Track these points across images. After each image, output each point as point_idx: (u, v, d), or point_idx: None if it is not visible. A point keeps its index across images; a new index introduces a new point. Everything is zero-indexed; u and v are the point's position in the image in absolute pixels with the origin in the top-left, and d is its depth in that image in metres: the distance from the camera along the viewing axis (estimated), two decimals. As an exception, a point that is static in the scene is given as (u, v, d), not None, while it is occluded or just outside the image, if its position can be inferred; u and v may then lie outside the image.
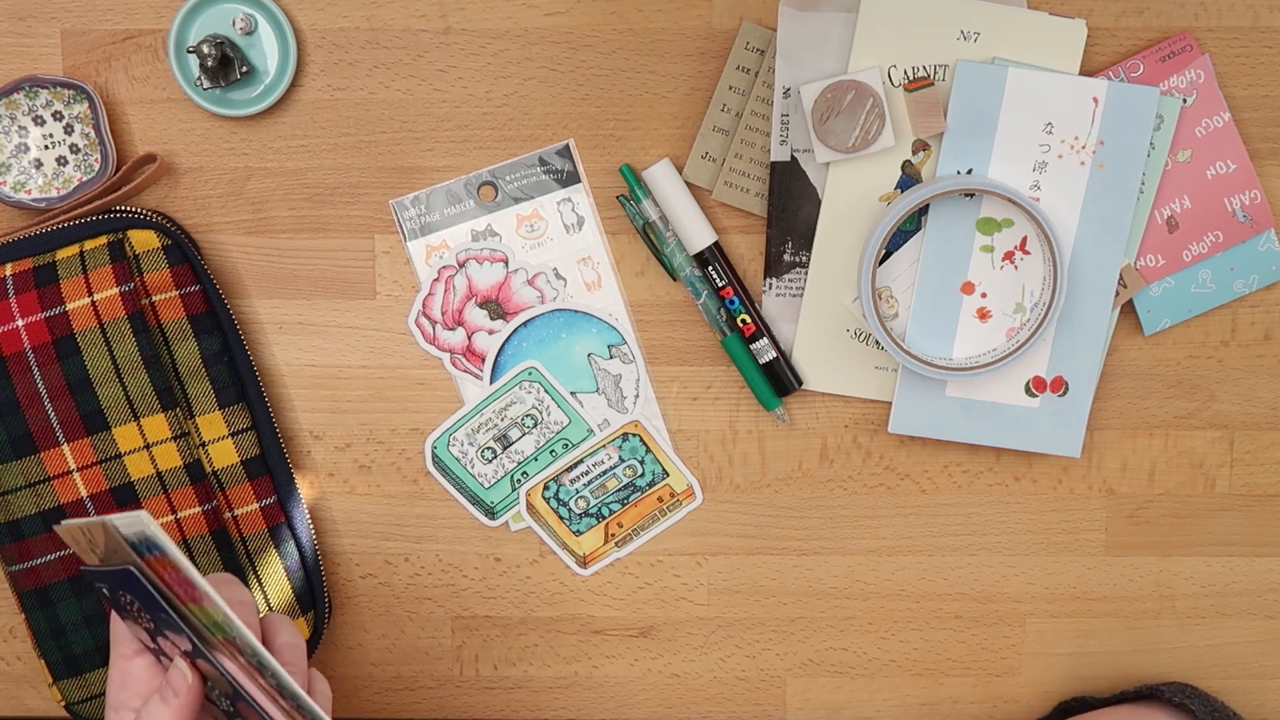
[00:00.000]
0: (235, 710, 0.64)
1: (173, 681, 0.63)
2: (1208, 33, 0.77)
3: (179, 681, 0.63)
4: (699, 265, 0.79)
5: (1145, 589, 0.83)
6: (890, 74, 0.76)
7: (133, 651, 0.66)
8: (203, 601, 0.59)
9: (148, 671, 0.65)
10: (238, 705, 0.63)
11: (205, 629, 0.61)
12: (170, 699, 0.63)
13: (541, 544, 0.82)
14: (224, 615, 0.59)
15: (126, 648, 0.66)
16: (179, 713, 0.63)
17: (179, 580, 0.59)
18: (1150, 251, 0.78)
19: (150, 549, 0.59)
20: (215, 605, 0.59)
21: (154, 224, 0.77)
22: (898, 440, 0.81)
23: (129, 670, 0.65)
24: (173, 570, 0.59)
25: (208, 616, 0.60)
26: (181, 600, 0.60)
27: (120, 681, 0.66)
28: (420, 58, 0.78)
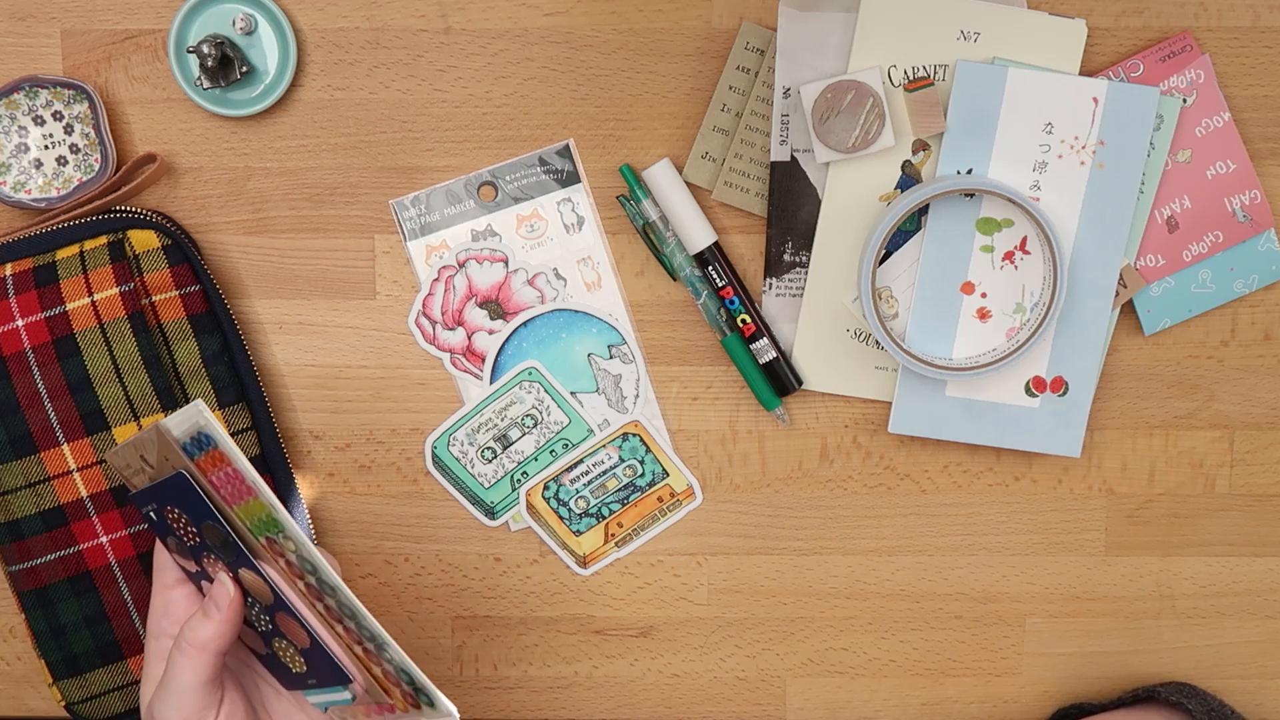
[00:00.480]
0: (274, 625, 0.65)
1: (215, 595, 0.64)
2: (1208, 33, 0.77)
3: (222, 595, 0.64)
4: (699, 265, 0.79)
5: (1145, 589, 0.83)
6: (890, 74, 0.76)
7: (175, 580, 0.67)
8: (251, 497, 0.60)
9: (188, 600, 0.67)
10: (277, 618, 0.64)
11: (249, 531, 0.62)
12: (213, 612, 0.64)
13: (541, 544, 0.82)
14: (271, 506, 0.60)
15: (169, 575, 0.68)
16: (220, 626, 0.64)
17: (228, 478, 0.60)
18: (1150, 251, 0.78)
19: (201, 446, 0.60)
20: (263, 496, 0.60)
21: (154, 224, 0.77)
22: (898, 440, 0.81)
23: (170, 599, 0.67)
24: (220, 467, 0.60)
25: (254, 516, 0.61)
26: (228, 502, 0.61)
27: (161, 609, 0.68)
28: (420, 58, 0.78)
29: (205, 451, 0.60)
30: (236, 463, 0.59)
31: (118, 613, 0.78)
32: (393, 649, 0.61)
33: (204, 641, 0.64)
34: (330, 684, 0.65)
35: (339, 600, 0.61)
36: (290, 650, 0.66)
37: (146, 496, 0.65)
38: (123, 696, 0.79)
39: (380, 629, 0.61)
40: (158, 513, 0.65)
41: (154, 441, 0.62)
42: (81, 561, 0.77)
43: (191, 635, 0.64)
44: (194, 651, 0.64)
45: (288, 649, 0.66)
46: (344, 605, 0.61)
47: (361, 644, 0.62)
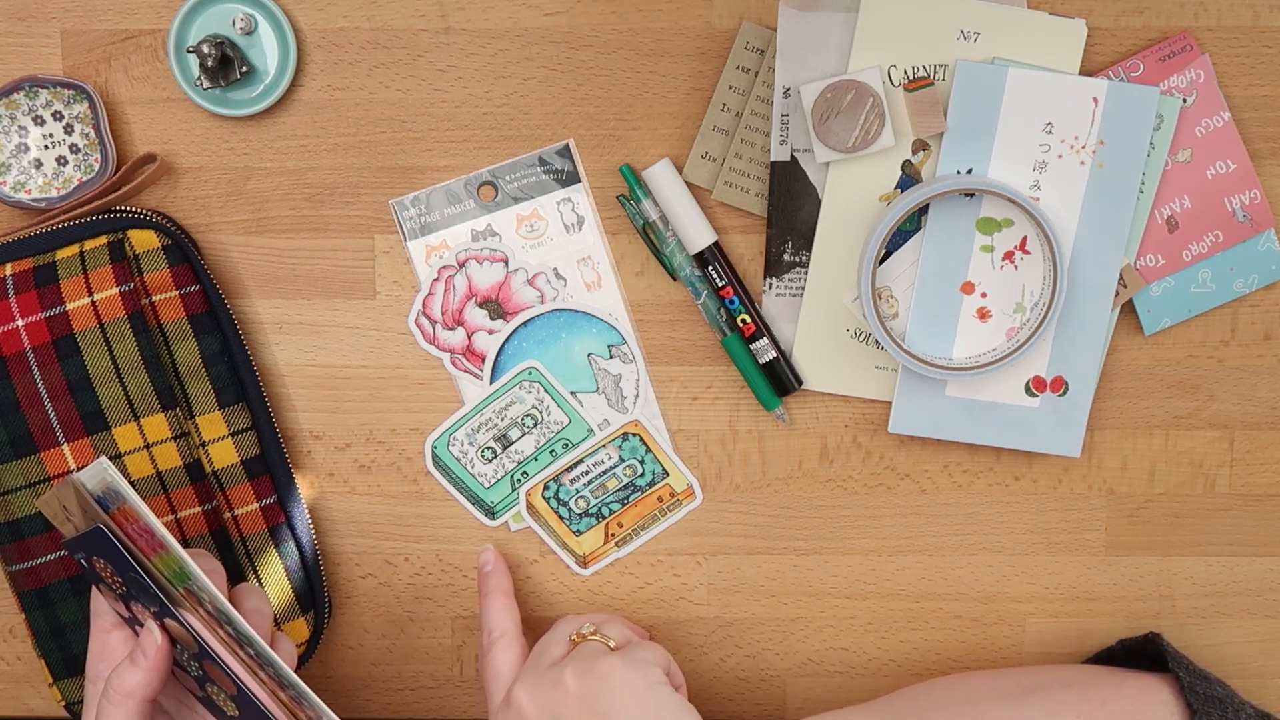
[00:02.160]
0: (203, 671, 0.65)
1: (143, 643, 0.64)
2: (1208, 33, 0.77)
3: (149, 644, 0.64)
4: (699, 265, 0.79)
5: (1145, 589, 0.83)
6: (890, 74, 0.76)
7: (111, 624, 0.68)
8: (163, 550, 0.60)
9: (124, 644, 0.67)
10: (204, 665, 0.64)
11: (169, 581, 0.62)
12: (140, 660, 0.64)
13: (541, 544, 0.82)
14: (180, 560, 0.60)
15: (105, 620, 0.68)
16: (147, 674, 0.64)
17: (140, 531, 0.60)
18: (1150, 251, 0.78)
19: (114, 499, 0.60)
20: (173, 550, 0.60)
21: (154, 224, 0.77)
22: (898, 440, 0.81)
23: (106, 642, 0.68)
24: (134, 521, 0.60)
25: (169, 567, 0.61)
26: (145, 554, 0.62)
27: (99, 653, 0.68)
28: (420, 58, 0.78)
29: (117, 505, 0.60)
30: (145, 518, 0.60)
31: (118, 613, 0.78)
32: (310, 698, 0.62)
33: (130, 689, 0.64)
34: None
35: (257, 651, 0.61)
36: (221, 695, 0.66)
37: (75, 545, 0.65)
38: (123, 696, 0.79)
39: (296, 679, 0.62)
40: (87, 560, 0.65)
41: (73, 496, 0.62)
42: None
43: (119, 683, 0.64)
44: (120, 699, 0.64)
45: (219, 693, 0.66)
46: (262, 656, 0.61)
47: (284, 690, 0.62)
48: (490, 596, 0.78)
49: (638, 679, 0.70)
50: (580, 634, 0.74)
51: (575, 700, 0.69)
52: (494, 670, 0.75)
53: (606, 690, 0.69)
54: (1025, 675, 0.76)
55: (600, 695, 0.69)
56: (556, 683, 0.70)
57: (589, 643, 0.74)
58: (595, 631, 0.75)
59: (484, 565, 0.79)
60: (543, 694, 0.70)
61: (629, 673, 0.70)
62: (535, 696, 0.70)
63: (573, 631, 0.75)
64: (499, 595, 0.78)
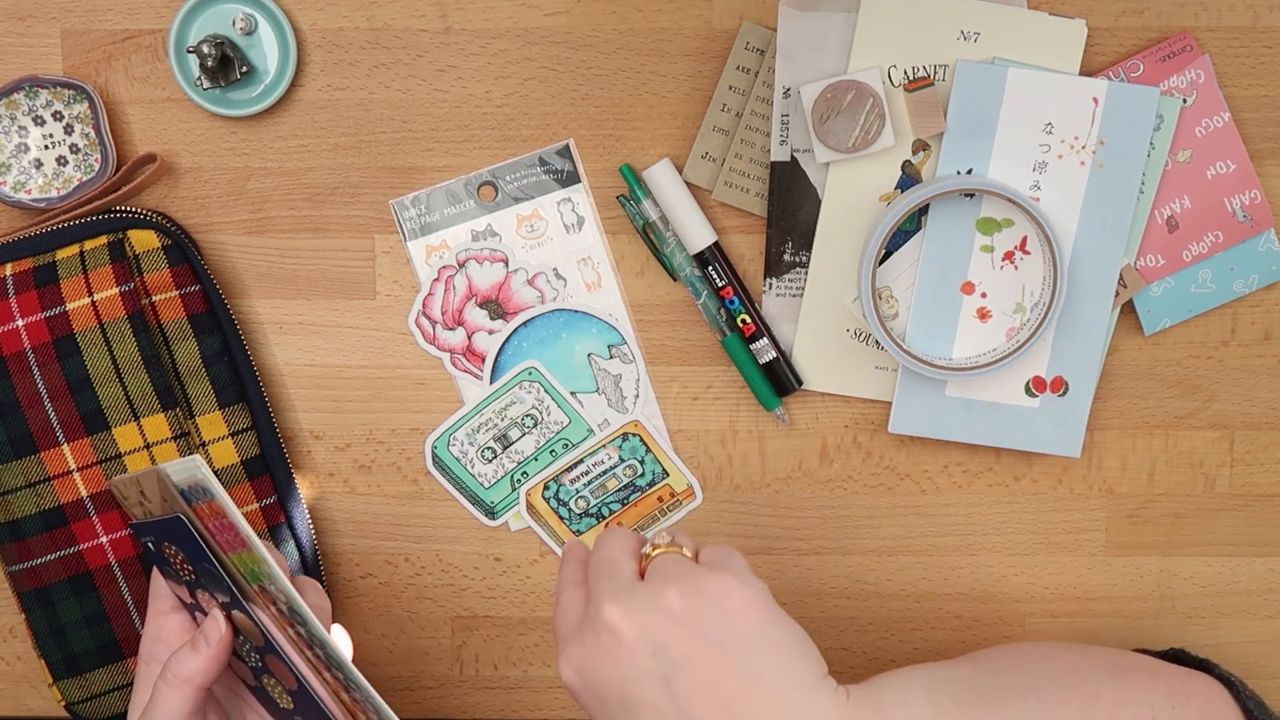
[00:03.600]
0: (264, 664, 0.65)
1: (206, 631, 0.65)
2: (1208, 33, 0.77)
3: (212, 631, 0.65)
4: (699, 265, 0.79)
5: (1145, 589, 0.83)
6: (890, 74, 0.76)
7: (169, 608, 0.68)
8: (244, 549, 0.60)
9: (181, 627, 0.68)
10: (266, 659, 0.65)
11: (243, 578, 0.62)
12: (201, 647, 0.65)
13: (541, 544, 0.82)
14: (264, 560, 0.61)
15: (164, 603, 0.68)
16: (207, 661, 0.64)
17: (223, 528, 0.61)
18: (1150, 251, 0.78)
19: (200, 495, 0.61)
20: (256, 550, 0.61)
21: (154, 224, 0.77)
22: (898, 440, 0.81)
23: (164, 625, 0.68)
24: (217, 517, 0.60)
25: (246, 565, 0.62)
26: (224, 549, 0.62)
27: (154, 635, 0.68)
28: (420, 58, 0.78)
29: (203, 501, 0.61)
30: (232, 516, 0.60)
31: (118, 613, 0.78)
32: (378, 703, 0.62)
33: (189, 675, 0.64)
34: None
35: (327, 653, 0.62)
36: (278, 688, 0.66)
37: (145, 528, 0.66)
38: (123, 696, 0.79)
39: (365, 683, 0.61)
40: (155, 544, 0.66)
41: (155, 485, 0.62)
42: (81, 561, 0.77)
43: (178, 668, 0.64)
44: (179, 683, 0.64)
45: (276, 686, 0.66)
46: (331, 658, 0.62)
47: (348, 691, 0.63)
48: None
49: (755, 600, 0.59)
50: (655, 546, 0.63)
51: (683, 625, 0.58)
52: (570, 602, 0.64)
53: (723, 615, 0.58)
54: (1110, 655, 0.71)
55: (714, 621, 0.58)
56: (655, 604, 0.59)
57: (669, 555, 0.62)
58: (672, 543, 0.63)
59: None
60: (639, 615, 0.59)
61: (744, 593, 0.59)
62: (631, 617, 0.58)
63: (642, 545, 0.64)
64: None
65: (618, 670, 0.58)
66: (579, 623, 0.61)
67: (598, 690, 0.59)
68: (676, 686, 0.57)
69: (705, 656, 0.57)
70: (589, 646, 0.59)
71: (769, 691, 0.57)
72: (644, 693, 0.58)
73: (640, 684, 0.58)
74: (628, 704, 0.58)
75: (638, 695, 0.58)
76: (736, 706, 0.57)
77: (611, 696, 0.59)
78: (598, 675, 0.59)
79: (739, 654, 0.58)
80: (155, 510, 0.64)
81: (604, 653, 0.59)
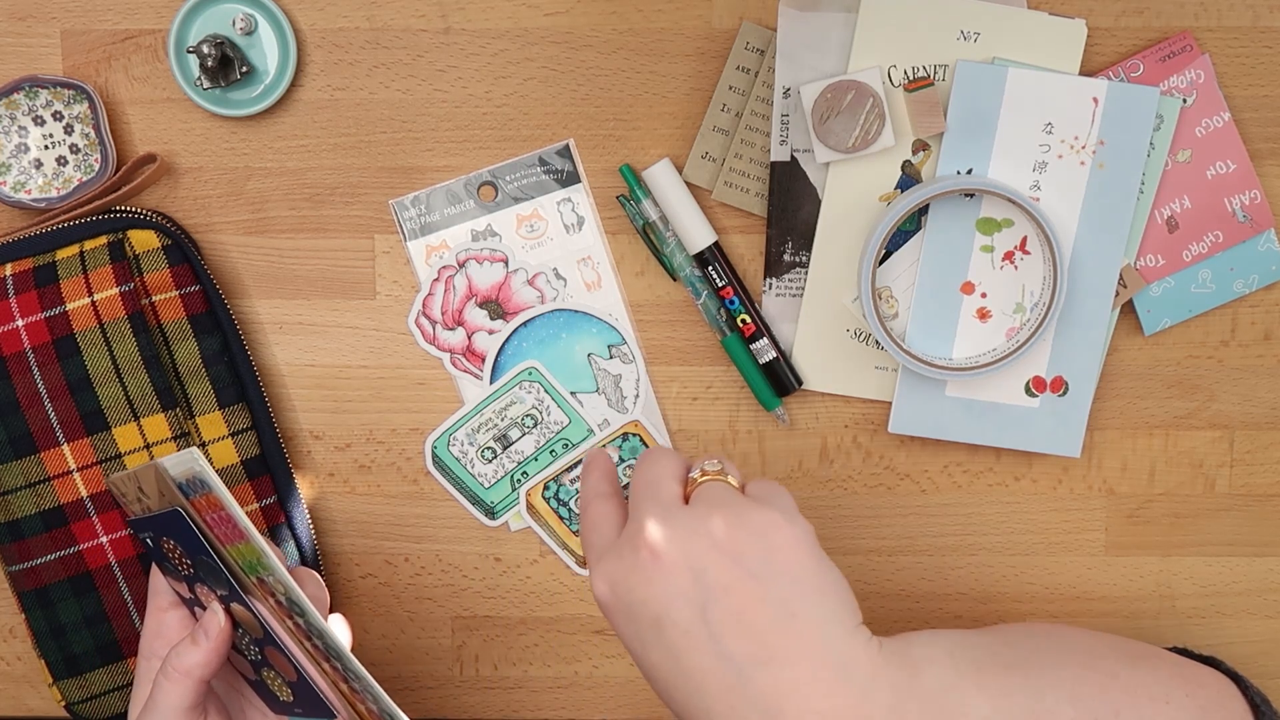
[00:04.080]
0: (263, 657, 0.65)
1: (205, 624, 0.65)
2: (1208, 33, 0.77)
3: (211, 625, 0.65)
4: (699, 265, 0.79)
5: (1145, 589, 0.83)
6: (890, 74, 0.76)
7: (169, 603, 0.68)
8: (242, 540, 0.60)
9: (180, 623, 0.68)
10: (266, 651, 0.65)
11: (242, 570, 0.62)
12: (201, 640, 0.65)
13: (541, 544, 0.82)
14: (262, 552, 0.61)
15: (163, 599, 0.69)
16: (207, 654, 0.65)
17: (221, 520, 0.61)
18: (1150, 251, 0.78)
19: (197, 489, 0.61)
20: (254, 542, 0.61)
21: (154, 224, 0.77)
22: (898, 440, 0.81)
23: (164, 621, 0.68)
24: (215, 510, 0.61)
25: (244, 558, 0.62)
26: (221, 541, 0.62)
27: (155, 630, 0.69)
28: (420, 58, 0.78)
29: (200, 494, 0.61)
30: (230, 509, 0.60)
31: (118, 613, 0.78)
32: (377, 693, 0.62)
33: (189, 668, 0.64)
34: (316, 716, 0.66)
35: (326, 643, 0.62)
36: (278, 680, 0.66)
37: (143, 525, 0.66)
38: (123, 696, 0.79)
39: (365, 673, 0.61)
40: (154, 540, 0.66)
41: (152, 479, 0.62)
42: (81, 561, 0.77)
43: (178, 661, 0.65)
44: (179, 677, 0.64)
45: (275, 679, 0.66)
46: (330, 648, 0.62)
47: (347, 681, 0.63)
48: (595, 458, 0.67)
49: (800, 540, 0.59)
50: (704, 472, 0.62)
51: (725, 554, 0.57)
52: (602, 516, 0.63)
53: (766, 550, 0.58)
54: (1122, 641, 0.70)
55: (757, 554, 0.58)
56: (699, 529, 0.58)
57: (717, 483, 0.61)
58: (721, 471, 0.62)
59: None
60: (681, 537, 0.58)
61: (791, 530, 0.59)
62: (673, 539, 0.58)
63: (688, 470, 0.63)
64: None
65: (653, 590, 0.58)
66: (616, 538, 0.60)
67: (629, 607, 0.59)
68: (711, 614, 0.57)
69: (744, 588, 0.57)
70: (626, 562, 0.58)
71: (803, 630, 0.57)
72: (677, 616, 0.57)
73: (675, 606, 0.57)
74: (659, 624, 0.58)
75: (670, 617, 0.57)
76: (769, 641, 0.57)
77: (643, 614, 0.58)
78: (631, 592, 0.58)
79: (778, 590, 0.57)
80: (153, 505, 0.65)
81: (641, 570, 0.58)
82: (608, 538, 0.61)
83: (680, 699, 0.58)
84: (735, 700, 0.57)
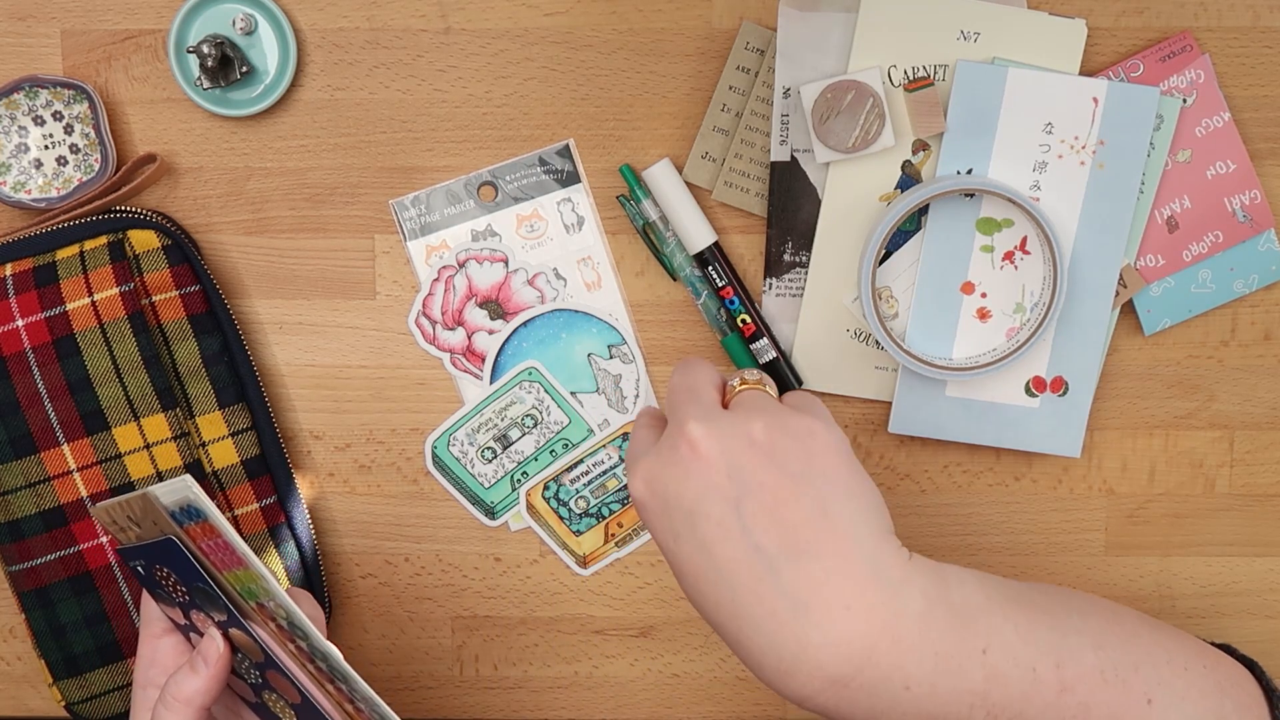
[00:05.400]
0: (264, 680, 0.65)
1: (204, 651, 0.64)
2: (1208, 33, 0.77)
3: (210, 651, 0.64)
4: (699, 265, 0.79)
5: (1145, 589, 0.83)
6: (890, 74, 0.76)
7: (162, 630, 0.68)
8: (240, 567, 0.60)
9: (175, 649, 0.67)
10: (267, 674, 0.64)
11: (240, 595, 0.62)
12: (200, 668, 0.64)
13: (541, 544, 0.82)
14: (261, 577, 0.60)
15: (156, 626, 0.68)
16: (207, 682, 0.64)
17: (217, 547, 0.60)
18: (1150, 251, 0.78)
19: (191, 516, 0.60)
20: (253, 568, 0.60)
21: (154, 224, 0.77)
22: (898, 440, 0.81)
23: (158, 648, 0.67)
24: (211, 537, 0.60)
25: (242, 583, 0.61)
26: (218, 568, 0.62)
27: (149, 659, 0.68)
28: (420, 58, 0.78)
29: (195, 522, 0.60)
30: (226, 536, 0.59)
31: (118, 613, 0.78)
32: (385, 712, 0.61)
33: (189, 696, 0.64)
34: None
35: (330, 665, 0.61)
36: (280, 703, 0.66)
37: (135, 553, 0.65)
38: (123, 697, 0.79)
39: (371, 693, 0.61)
40: (145, 569, 0.65)
41: (141, 506, 0.62)
42: (81, 561, 0.77)
43: (177, 690, 0.64)
44: (179, 706, 0.64)
45: (277, 701, 0.66)
46: (335, 670, 0.61)
47: (353, 702, 0.63)
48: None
49: (838, 446, 0.60)
50: (744, 381, 0.63)
51: (764, 455, 0.58)
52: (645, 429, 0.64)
53: (804, 453, 0.59)
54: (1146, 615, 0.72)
55: (795, 456, 0.59)
56: (739, 430, 0.59)
57: (756, 391, 0.63)
58: (759, 381, 0.64)
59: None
60: (721, 435, 0.59)
61: (829, 436, 0.60)
62: (712, 436, 0.59)
63: (727, 379, 0.64)
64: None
65: (689, 483, 0.58)
66: (657, 442, 0.61)
67: (665, 501, 0.59)
68: (745, 509, 0.58)
69: (779, 485, 0.58)
70: (665, 459, 0.59)
71: (835, 529, 0.58)
72: (712, 509, 0.58)
73: (710, 500, 0.58)
74: (693, 517, 0.58)
75: (705, 510, 0.58)
76: (801, 537, 0.57)
77: (678, 508, 0.59)
78: (668, 486, 0.59)
79: (813, 490, 0.58)
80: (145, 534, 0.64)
81: (680, 465, 0.59)
82: (648, 444, 0.62)
83: (709, 592, 0.59)
84: (765, 591, 0.57)
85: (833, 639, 0.56)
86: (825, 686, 0.57)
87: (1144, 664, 0.62)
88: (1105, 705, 0.60)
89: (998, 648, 0.59)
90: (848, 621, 0.57)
